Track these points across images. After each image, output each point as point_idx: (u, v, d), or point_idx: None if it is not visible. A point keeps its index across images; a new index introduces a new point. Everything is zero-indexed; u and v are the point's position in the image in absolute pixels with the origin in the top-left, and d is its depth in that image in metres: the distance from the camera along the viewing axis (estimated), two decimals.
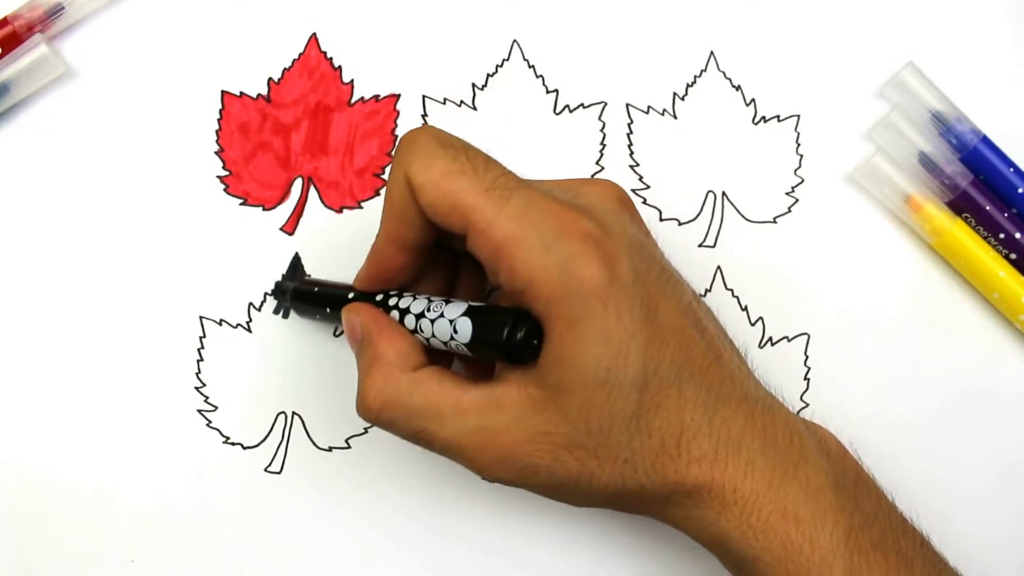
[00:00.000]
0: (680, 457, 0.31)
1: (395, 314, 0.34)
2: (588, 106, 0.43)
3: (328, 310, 0.38)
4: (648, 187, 0.43)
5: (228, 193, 0.42)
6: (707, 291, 0.42)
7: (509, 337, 0.30)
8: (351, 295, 0.36)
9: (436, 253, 0.35)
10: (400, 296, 0.35)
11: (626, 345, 0.30)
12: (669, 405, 0.31)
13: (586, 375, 0.30)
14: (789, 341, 0.42)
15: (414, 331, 0.34)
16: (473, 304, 0.32)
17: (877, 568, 0.32)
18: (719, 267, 0.42)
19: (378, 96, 0.42)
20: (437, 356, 0.34)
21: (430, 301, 0.33)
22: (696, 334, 0.32)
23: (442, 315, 0.32)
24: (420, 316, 0.33)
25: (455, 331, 0.32)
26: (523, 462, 0.31)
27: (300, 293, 0.40)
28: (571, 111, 0.43)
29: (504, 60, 0.43)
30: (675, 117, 0.43)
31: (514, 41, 0.43)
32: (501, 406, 0.31)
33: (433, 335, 0.33)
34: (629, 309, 0.30)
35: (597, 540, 0.41)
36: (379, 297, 0.35)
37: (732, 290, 0.42)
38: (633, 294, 0.30)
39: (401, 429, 0.33)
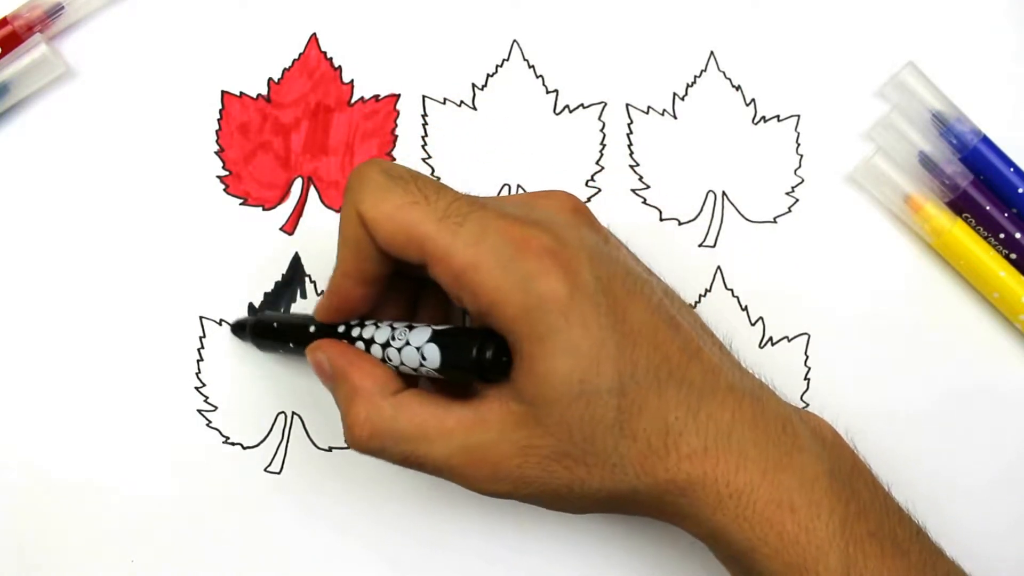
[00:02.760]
0: (669, 456, 0.31)
1: (360, 345, 0.34)
2: (588, 106, 0.43)
3: (291, 345, 0.38)
4: (648, 187, 0.43)
5: (228, 193, 0.42)
6: (707, 291, 0.42)
7: (478, 358, 0.31)
8: (312, 328, 0.36)
9: (396, 279, 0.35)
10: (363, 326, 0.35)
11: (596, 354, 0.30)
12: (650, 407, 0.31)
13: (560, 389, 0.30)
14: (789, 341, 0.42)
15: (381, 361, 0.34)
16: (437, 328, 0.32)
17: (872, 557, 0.32)
18: (719, 267, 0.42)
19: (378, 96, 0.42)
20: (407, 378, 0.34)
21: (393, 328, 0.34)
22: (670, 332, 0.32)
23: (408, 343, 0.33)
24: (386, 345, 0.33)
25: (423, 357, 0.32)
26: (514, 475, 0.32)
27: (260, 329, 0.40)
28: (571, 111, 0.43)
29: (504, 60, 0.43)
30: (675, 117, 0.43)
31: (514, 41, 0.43)
32: (485, 423, 0.31)
33: (402, 363, 0.33)
34: (595, 318, 0.30)
35: (598, 543, 0.41)
36: (341, 329, 0.35)
37: (732, 290, 0.42)
38: (597, 302, 0.30)
39: (391, 455, 0.33)
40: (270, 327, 0.39)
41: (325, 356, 0.35)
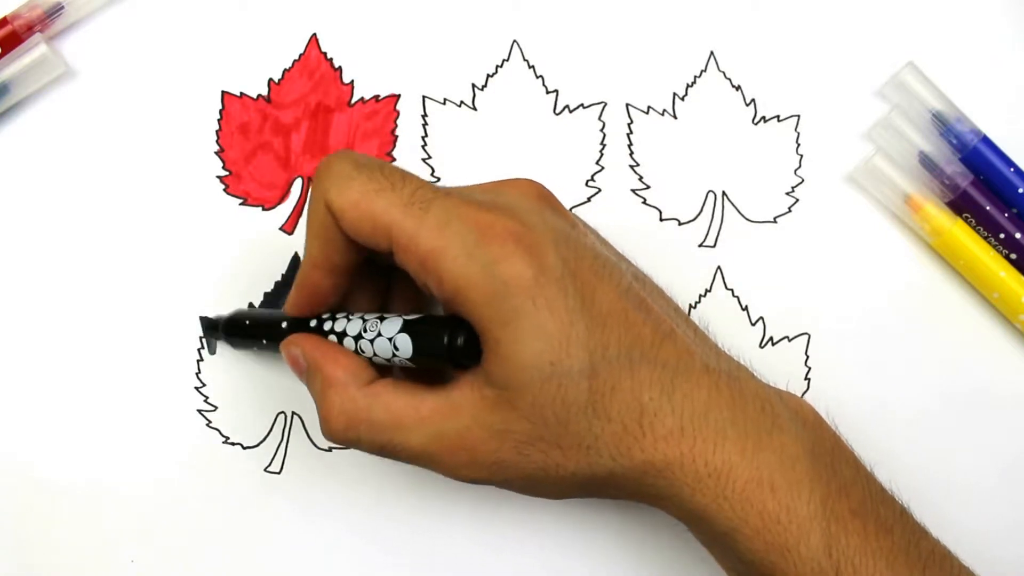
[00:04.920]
0: (645, 437, 0.31)
1: (332, 338, 0.35)
2: (588, 106, 0.43)
3: (264, 341, 0.38)
4: (648, 187, 0.43)
5: (228, 193, 0.42)
6: (707, 291, 0.42)
7: (450, 346, 0.31)
8: (284, 324, 0.36)
9: (366, 268, 0.35)
10: (334, 319, 0.35)
11: (565, 336, 0.30)
12: (623, 388, 0.31)
13: (530, 372, 0.30)
14: (789, 341, 0.42)
15: (354, 352, 0.34)
16: (407, 318, 0.33)
17: (855, 535, 0.32)
18: (719, 267, 0.42)
19: (378, 96, 0.42)
20: (381, 368, 0.34)
21: (364, 320, 0.34)
22: (641, 314, 0.32)
23: (379, 334, 0.33)
24: (358, 337, 0.34)
25: (396, 348, 0.32)
26: (490, 460, 0.32)
27: (232, 327, 0.40)
28: (571, 111, 0.43)
29: (504, 60, 0.43)
30: (675, 117, 0.43)
31: (514, 41, 0.43)
32: (459, 409, 0.32)
33: (375, 354, 0.33)
34: (562, 301, 0.30)
35: (595, 530, 0.41)
36: (313, 323, 0.35)
37: (732, 290, 0.42)
38: (564, 285, 0.31)
39: (367, 444, 0.33)
40: (242, 324, 0.39)
41: (299, 350, 0.35)
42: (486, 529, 0.41)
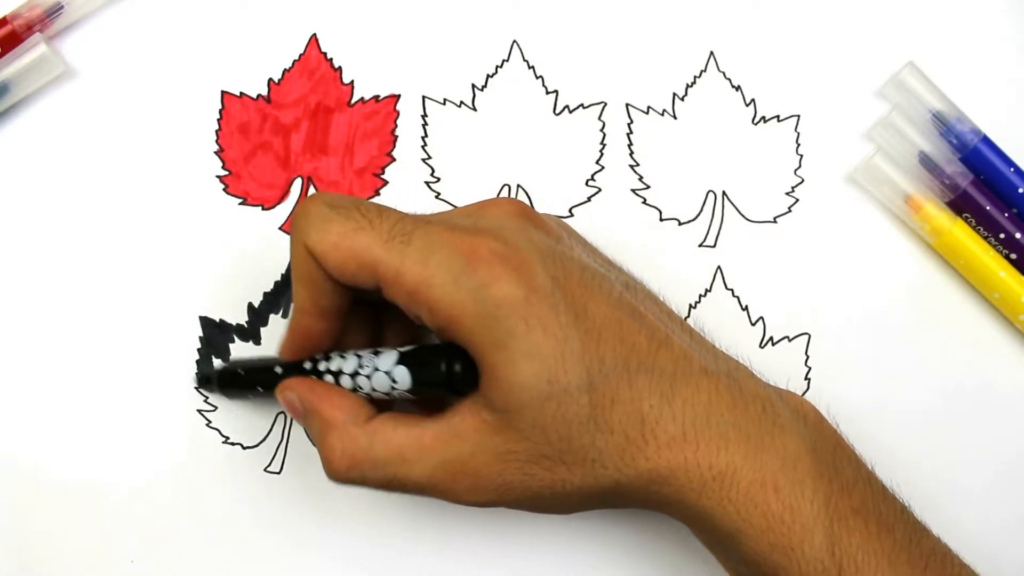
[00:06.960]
0: (648, 445, 0.31)
1: (329, 378, 0.34)
2: (588, 106, 0.43)
3: (260, 389, 0.37)
4: (648, 187, 0.43)
5: (228, 193, 0.42)
6: (707, 291, 0.42)
7: (448, 373, 0.31)
8: (279, 369, 0.36)
9: (357, 306, 0.35)
10: (328, 359, 0.35)
11: (561, 353, 0.30)
12: (623, 398, 0.31)
13: (529, 393, 0.30)
14: (789, 341, 0.42)
15: (353, 390, 0.34)
16: (403, 350, 0.33)
17: (857, 533, 0.32)
18: (719, 267, 0.42)
19: (378, 96, 0.42)
20: (380, 402, 0.34)
21: (360, 357, 0.34)
22: (634, 324, 0.32)
23: (376, 368, 0.33)
24: (355, 375, 0.33)
25: (394, 381, 0.32)
26: (495, 482, 0.32)
27: (226, 378, 0.39)
28: (571, 111, 0.43)
29: (504, 60, 0.43)
30: (675, 117, 0.43)
31: (514, 41, 0.43)
32: (461, 435, 0.32)
33: (373, 389, 0.33)
34: (554, 318, 0.30)
35: (599, 540, 0.41)
36: (308, 365, 0.35)
37: (732, 290, 0.42)
38: (555, 301, 0.30)
39: (372, 482, 0.33)
40: (236, 375, 0.39)
41: (295, 394, 0.35)
42: (488, 529, 0.41)
